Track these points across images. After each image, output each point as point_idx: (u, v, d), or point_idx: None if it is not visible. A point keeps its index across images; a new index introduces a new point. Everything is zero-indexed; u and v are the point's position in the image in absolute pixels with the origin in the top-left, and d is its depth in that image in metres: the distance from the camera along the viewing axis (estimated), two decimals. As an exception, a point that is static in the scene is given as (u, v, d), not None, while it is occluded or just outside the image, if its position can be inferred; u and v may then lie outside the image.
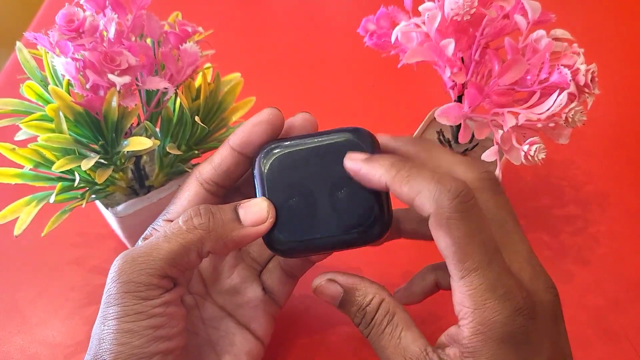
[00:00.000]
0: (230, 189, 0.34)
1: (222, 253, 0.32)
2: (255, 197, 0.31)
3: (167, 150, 0.40)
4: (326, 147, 0.31)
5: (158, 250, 0.29)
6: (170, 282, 0.30)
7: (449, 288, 0.34)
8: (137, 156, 0.41)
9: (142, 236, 0.33)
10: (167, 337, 0.28)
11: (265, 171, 0.31)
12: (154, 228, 0.33)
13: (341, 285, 0.30)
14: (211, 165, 0.32)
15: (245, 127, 0.31)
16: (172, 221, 0.32)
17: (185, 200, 0.33)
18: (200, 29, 0.40)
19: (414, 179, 0.26)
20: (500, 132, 0.38)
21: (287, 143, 0.31)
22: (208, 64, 0.44)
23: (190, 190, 0.33)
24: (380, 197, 0.30)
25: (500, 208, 0.28)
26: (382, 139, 0.31)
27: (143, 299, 0.28)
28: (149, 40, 0.39)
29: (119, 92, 0.36)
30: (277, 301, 0.37)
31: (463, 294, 0.26)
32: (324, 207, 0.30)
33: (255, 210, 0.30)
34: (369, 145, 0.31)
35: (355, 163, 0.29)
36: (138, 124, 0.40)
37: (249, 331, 0.35)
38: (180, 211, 0.32)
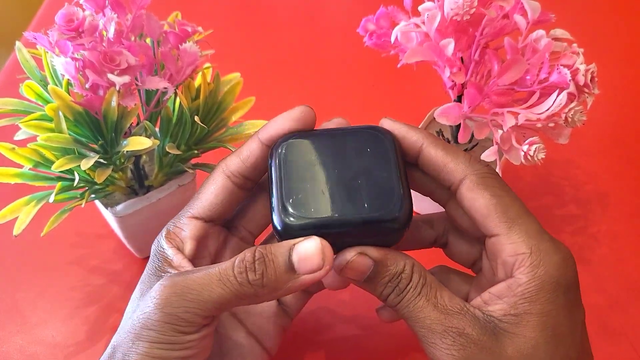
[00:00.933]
0: (258, 182, 0.33)
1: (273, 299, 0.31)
2: (270, 186, 0.29)
3: (167, 150, 0.40)
4: (345, 137, 0.31)
5: (210, 293, 0.27)
6: (212, 319, 0.29)
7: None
8: (136, 156, 0.41)
9: (164, 233, 0.32)
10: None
11: (282, 158, 0.30)
12: (177, 226, 0.32)
13: (372, 257, 0.28)
14: (239, 158, 0.32)
15: (275, 122, 0.31)
16: (197, 218, 0.32)
17: (212, 194, 0.32)
18: (199, 28, 0.40)
19: (448, 148, 0.29)
20: (500, 132, 0.38)
21: (305, 133, 0.31)
22: (207, 64, 0.44)
23: (216, 184, 0.32)
24: (402, 185, 0.29)
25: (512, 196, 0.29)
26: (394, 124, 0.32)
27: (182, 333, 0.27)
28: (148, 40, 0.39)
29: (119, 91, 0.36)
30: (290, 313, 0.36)
31: (515, 242, 0.27)
32: (342, 191, 0.28)
33: (311, 257, 0.27)
34: (390, 140, 0.30)
35: (395, 122, 0.31)
36: (137, 124, 0.40)
37: (257, 342, 0.34)
38: (207, 206, 0.32)
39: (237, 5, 0.83)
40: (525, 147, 0.37)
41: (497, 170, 0.40)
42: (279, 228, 0.28)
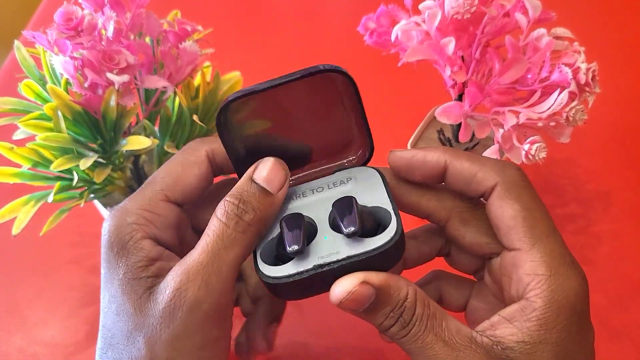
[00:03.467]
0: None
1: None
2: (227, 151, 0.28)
3: (166, 149, 0.39)
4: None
5: (230, 266, 0.26)
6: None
7: (454, 306, 0.33)
8: (135, 155, 0.41)
9: (131, 220, 0.27)
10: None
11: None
12: (151, 212, 0.28)
13: (374, 285, 0.25)
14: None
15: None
16: (175, 203, 0.29)
17: (195, 178, 0.29)
18: (199, 27, 0.40)
19: (472, 156, 0.28)
20: (501, 131, 0.38)
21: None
22: (207, 63, 0.44)
23: (201, 169, 0.29)
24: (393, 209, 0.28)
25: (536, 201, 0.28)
26: (399, 154, 0.30)
27: (137, 275, 0.26)
28: (147, 39, 0.39)
29: (118, 90, 0.36)
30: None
31: (536, 262, 0.25)
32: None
33: (275, 174, 0.28)
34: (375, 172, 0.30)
35: (405, 153, 0.29)
36: (137, 123, 0.40)
37: None
38: (187, 191, 0.29)
39: (237, 3, 0.82)
40: (526, 146, 0.37)
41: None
42: (269, 282, 0.27)
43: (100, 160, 0.39)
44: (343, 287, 0.25)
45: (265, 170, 0.27)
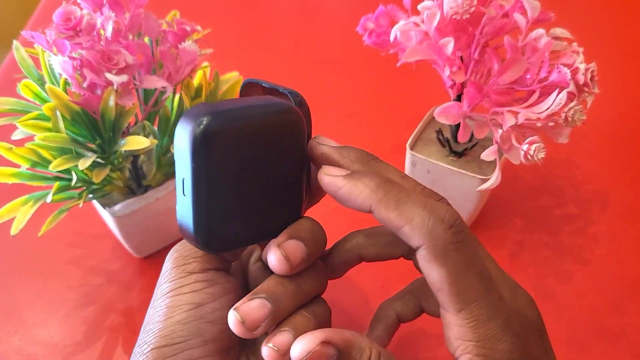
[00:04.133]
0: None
1: None
2: (183, 180, 0.26)
3: (165, 149, 0.39)
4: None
5: None
6: (218, 260, 0.29)
7: (410, 319, 0.32)
8: (134, 155, 0.41)
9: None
10: (206, 319, 0.27)
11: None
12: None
13: (336, 345, 0.25)
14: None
15: None
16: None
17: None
18: (198, 27, 0.40)
19: (403, 205, 0.24)
20: (500, 131, 0.38)
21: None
22: (206, 63, 0.44)
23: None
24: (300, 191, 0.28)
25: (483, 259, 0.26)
26: (325, 148, 0.28)
27: (188, 272, 0.27)
28: (146, 39, 0.39)
29: (117, 91, 0.36)
30: None
31: (463, 327, 0.24)
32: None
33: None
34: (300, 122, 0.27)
35: (334, 180, 0.26)
36: (136, 123, 0.40)
37: None
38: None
39: (236, 3, 0.82)
40: (525, 147, 0.37)
41: (496, 170, 0.40)
42: (200, 244, 0.26)
43: (99, 160, 0.38)
44: (303, 346, 0.25)
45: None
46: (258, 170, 0.26)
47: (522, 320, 0.25)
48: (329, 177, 0.26)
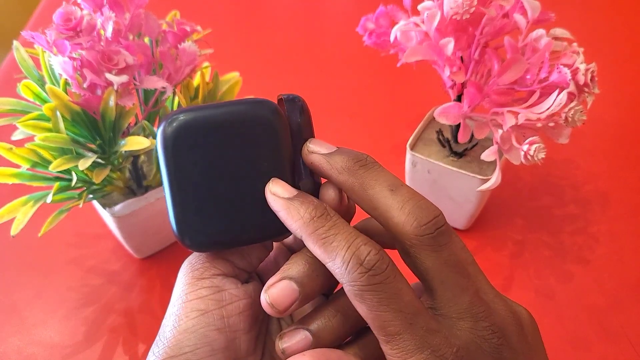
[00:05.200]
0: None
1: None
2: (163, 182, 0.27)
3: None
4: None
5: None
6: (229, 266, 0.28)
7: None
8: (134, 156, 0.41)
9: None
10: (214, 326, 0.26)
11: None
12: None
13: None
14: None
15: None
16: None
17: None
18: (198, 28, 0.40)
19: (329, 244, 0.25)
20: (500, 131, 0.38)
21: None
22: (206, 63, 0.44)
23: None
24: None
25: (441, 265, 0.26)
26: (315, 157, 0.27)
27: (197, 279, 0.27)
28: (147, 39, 0.39)
29: (117, 91, 0.36)
30: None
31: (394, 357, 0.25)
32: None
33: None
34: (277, 119, 0.27)
35: (275, 201, 0.27)
36: (136, 124, 0.40)
37: None
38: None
39: (236, 4, 0.82)
40: (525, 147, 0.37)
41: (497, 170, 0.40)
42: (184, 243, 0.27)
43: (99, 160, 0.38)
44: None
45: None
46: (232, 168, 0.26)
47: (470, 351, 0.25)
48: (272, 197, 0.27)
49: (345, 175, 0.27)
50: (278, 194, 0.27)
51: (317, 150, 0.27)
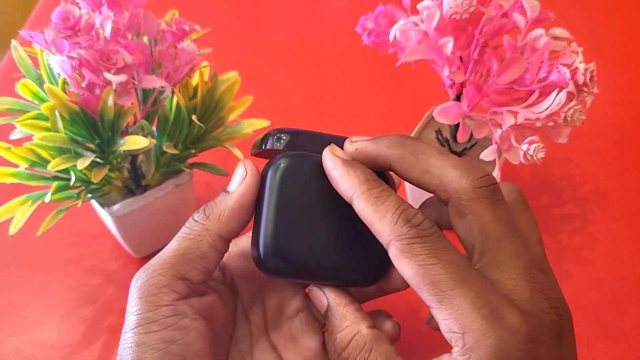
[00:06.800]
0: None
1: (231, 232, 0.29)
2: (262, 207, 0.28)
3: (164, 149, 0.39)
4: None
5: (167, 250, 0.28)
6: (186, 286, 0.28)
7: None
8: (133, 155, 0.41)
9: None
10: (181, 356, 0.26)
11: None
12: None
13: (328, 299, 0.28)
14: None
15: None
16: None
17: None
18: (197, 27, 0.40)
19: (380, 203, 0.26)
20: (499, 131, 0.38)
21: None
22: (205, 63, 0.44)
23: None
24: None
25: (498, 220, 0.25)
26: (359, 144, 0.28)
27: (156, 306, 0.26)
28: (145, 39, 0.39)
29: (115, 90, 0.36)
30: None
31: (447, 319, 0.24)
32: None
33: (237, 174, 0.29)
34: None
35: (334, 160, 0.28)
36: (134, 123, 0.40)
37: None
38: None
39: (235, 4, 0.82)
40: (524, 147, 0.37)
41: (496, 170, 0.40)
42: (265, 266, 0.28)
43: (98, 160, 0.38)
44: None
45: (234, 175, 0.29)
46: (334, 209, 0.28)
47: (532, 321, 0.24)
48: (331, 156, 0.28)
49: (394, 148, 0.27)
50: (338, 154, 0.28)
51: (359, 139, 0.28)
